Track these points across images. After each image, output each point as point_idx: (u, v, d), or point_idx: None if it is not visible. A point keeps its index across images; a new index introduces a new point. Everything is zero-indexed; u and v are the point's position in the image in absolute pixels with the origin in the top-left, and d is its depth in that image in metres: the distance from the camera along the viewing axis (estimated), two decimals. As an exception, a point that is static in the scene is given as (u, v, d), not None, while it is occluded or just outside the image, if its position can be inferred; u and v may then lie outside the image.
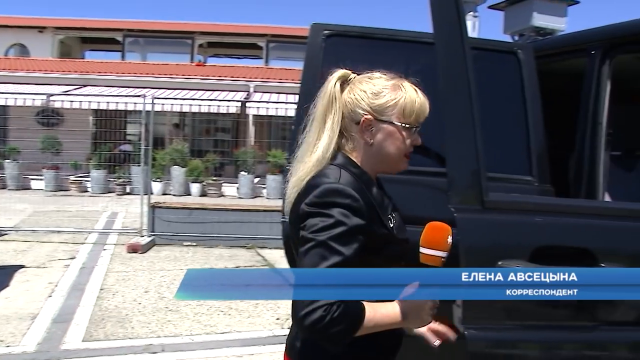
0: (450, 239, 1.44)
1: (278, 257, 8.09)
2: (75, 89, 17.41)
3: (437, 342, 1.52)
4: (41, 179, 15.13)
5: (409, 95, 1.63)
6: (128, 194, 15.12)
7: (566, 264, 1.46)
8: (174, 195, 14.70)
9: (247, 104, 16.74)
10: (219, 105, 16.28)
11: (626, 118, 2.84)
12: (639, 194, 2.80)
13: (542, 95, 2.55)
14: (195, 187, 15.01)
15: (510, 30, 3.82)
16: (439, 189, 1.81)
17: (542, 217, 1.49)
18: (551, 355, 1.57)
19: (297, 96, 2.58)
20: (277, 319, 5.78)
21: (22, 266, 7.35)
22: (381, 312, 1.51)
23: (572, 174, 2.57)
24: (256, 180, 15.38)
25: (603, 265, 1.47)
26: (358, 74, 1.70)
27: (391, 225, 1.58)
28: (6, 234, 9.36)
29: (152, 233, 9.11)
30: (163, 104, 15.15)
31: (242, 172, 15.09)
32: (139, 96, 12.16)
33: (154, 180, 13.74)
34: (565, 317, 1.55)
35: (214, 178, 15.48)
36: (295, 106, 2.56)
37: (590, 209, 1.66)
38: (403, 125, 1.62)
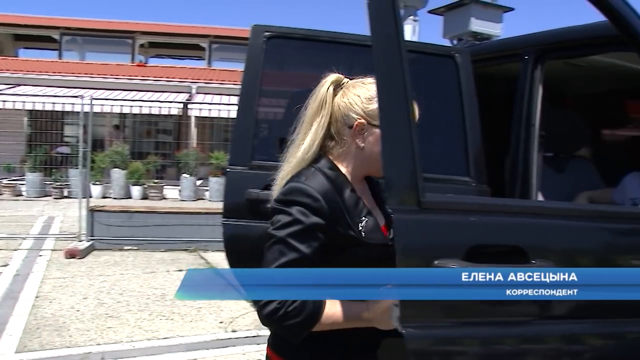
0: None
1: (220, 260, 8.01)
2: (7, 88, 16.71)
3: None
4: (-30, 183, 14.48)
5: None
6: (66, 197, 14.63)
7: (499, 261, 1.49)
8: (114, 198, 14.33)
9: (189, 106, 16.53)
10: (160, 107, 15.99)
11: (557, 120, 2.95)
12: (568, 193, 2.91)
13: (479, 98, 2.62)
14: (136, 190, 14.67)
15: (449, 34, 3.92)
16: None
17: (476, 217, 1.52)
18: (488, 350, 1.61)
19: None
20: (221, 322, 5.72)
21: (-51, 275, 7.02)
22: (344, 310, 1.54)
23: (508, 175, 2.65)
24: (198, 182, 15.20)
25: (534, 262, 1.52)
26: (351, 79, 1.72)
27: (359, 228, 1.59)
28: None
29: (91, 237, 8.86)
30: (102, 104, 14.79)
31: (184, 175, 14.87)
32: (77, 97, 11.79)
33: (93, 183, 13.39)
34: (502, 313, 1.59)
35: (156, 181, 15.18)
36: (237, 108, 2.54)
37: (523, 208, 1.71)
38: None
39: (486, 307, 1.55)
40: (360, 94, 1.66)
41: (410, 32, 4.28)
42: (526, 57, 2.64)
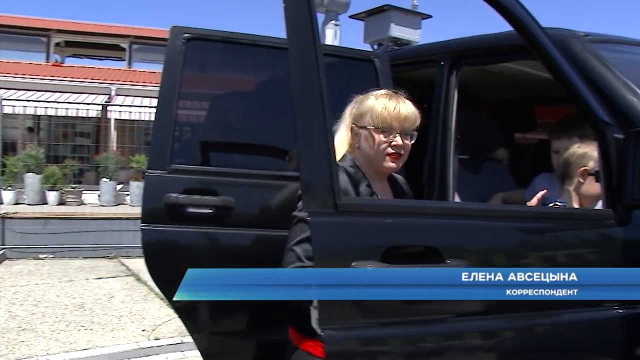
0: None
1: (143, 267, 7.79)
2: None
3: None
4: None
5: (379, 101, 1.99)
6: (-26, 204, 13.80)
7: (415, 262, 1.53)
8: (28, 204, 13.57)
9: (109, 108, 16.03)
10: (77, 109, 15.39)
11: (472, 124, 3.06)
12: (483, 194, 3.02)
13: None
14: (52, 196, 13.97)
15: (370, 39, 3.97)
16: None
17: (392, 219, 1.56)
18: (407, 349, 1.64)
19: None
20: (143, 330, 5.57)
21: None
22: None
23: (426, 177, 2.72)
24: (119, 187, 14.68)
25: (448, 262, 1.56)
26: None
27: None
28: None
29: (2, 246, 8.41)
30: (14, 105, 14.09)
31: (104, 179, 14.31)
32: (-15, 97, 11.16)
33: (4, 189, 12.68)
34: (421, 312, 1.63)
35: (73, 185, 14.54)
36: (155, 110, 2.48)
37: (437, 209, 1.76)
38: (374, 128, 1.96)
39: (404, 307, 1.58)
40: (357, 100, 2.07)
41: (331, 36, 4.32)
42: (442, 63, 2.72)
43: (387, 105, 1.98)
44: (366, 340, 1.57)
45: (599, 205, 2.22)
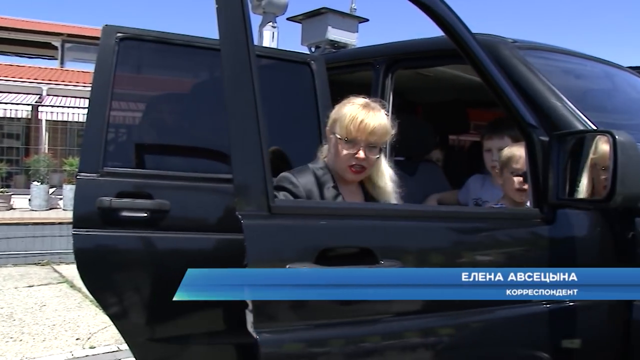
0: None
1: (77, 273, 7.55)
2: None
3: None
4: None
5: (349, 111, 1.99)
6: None
7: (349, 263, 1.55)
8: (-49, 210, 12.97)
9: (40, 108, 15.42)
10: (5, 109, 14.75)
11: (407, 126, 3.11)
12: (419, 195, 3.09)
13: (336, 104, 2.70)
14: (-22, 200, 13.38)
15: (307, 42, 3.99)
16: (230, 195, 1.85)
17: (326, 221, 1.57)
18: (346, 349, 1.65)
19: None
20: (77, 339, 5.40)
21: None
22: None
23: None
24: (51, 190, 14.16)
25: (382, 262, 1.59)
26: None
27: None
28: None
29: None
30: None
31: (35, 183, 13.77)
32: None
33: None
34: (358, 313, 1.64)
35: (2, 190, 13.95)
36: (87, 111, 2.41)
37: (371, 210, 1.79)
38: (340, 138, 1.98)
39: (339, 308, 1.60)
40: (339, 104, 2.07)
41: (269, 38, 4.31)
42: (378, 66, 2.76)
43: (355, 116, 1.97)
44: (302, 342, 1.57)
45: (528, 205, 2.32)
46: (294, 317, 1.53)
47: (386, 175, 2.16)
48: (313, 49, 3.93)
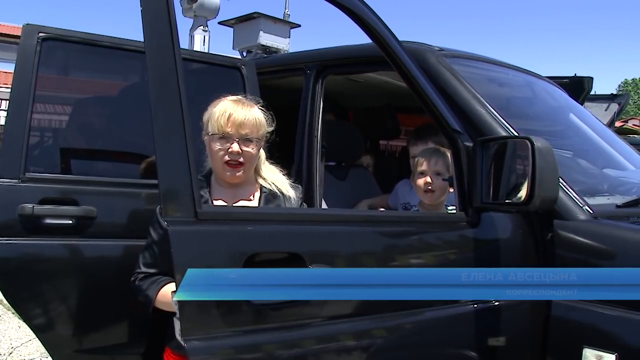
0: None
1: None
2: None
3: None
4: None
5: (218, 107, 1.95)
6: None
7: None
8: None
9: (-45, 110, 14.63)
10: None
11: (338, 131, 3.15)
12: (350, 200, 3.13)
13: (267, 108, 2.70)
14: None
15: (239, 46, 3.97)
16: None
17: (253, 226, 1.56)
18: (277, 354, 1.64)
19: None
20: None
21: None
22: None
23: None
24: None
25: (310, 267, 1.59)
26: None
27: None
28: None
29: None
30: None
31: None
32: None
33: None
34: (290, 317, 1.64)
35: None
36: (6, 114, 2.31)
37: (300, 216, 1.79)
38: (212, 134, 1.93)
39: (269, 313, 1.59)
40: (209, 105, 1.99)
41: (200, 42, 4.26)
42: (308, 71, 2.78)
43: (225, 110, 1.93)
44: (232, 349, 1.55)
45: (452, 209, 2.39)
46: (222, 323, 1.51)
47: (273, 168, 2.17)
48: (245, 54, 3.91)
